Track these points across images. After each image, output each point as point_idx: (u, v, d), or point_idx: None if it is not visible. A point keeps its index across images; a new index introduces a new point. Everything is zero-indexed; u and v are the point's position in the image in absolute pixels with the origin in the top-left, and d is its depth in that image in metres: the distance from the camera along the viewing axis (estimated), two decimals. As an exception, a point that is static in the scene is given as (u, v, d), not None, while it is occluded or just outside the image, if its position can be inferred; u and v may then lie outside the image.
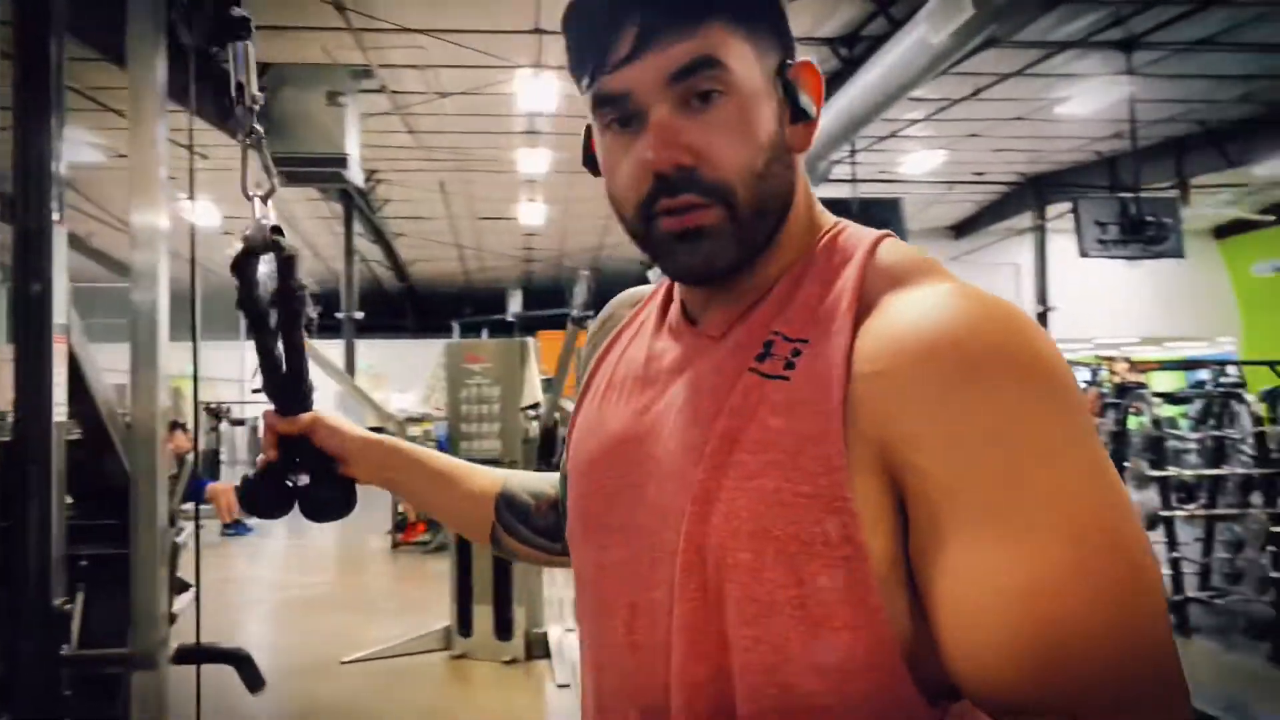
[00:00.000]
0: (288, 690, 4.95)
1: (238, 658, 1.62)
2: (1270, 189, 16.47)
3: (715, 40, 0.70)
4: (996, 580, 0.59)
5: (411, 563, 9.03)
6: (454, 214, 18.14)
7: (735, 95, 0.71)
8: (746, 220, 0.72)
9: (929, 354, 0.64)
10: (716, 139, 0.71)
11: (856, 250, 0.75)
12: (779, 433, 0.67)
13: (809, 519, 0.65)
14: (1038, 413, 0.61)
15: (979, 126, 13.15)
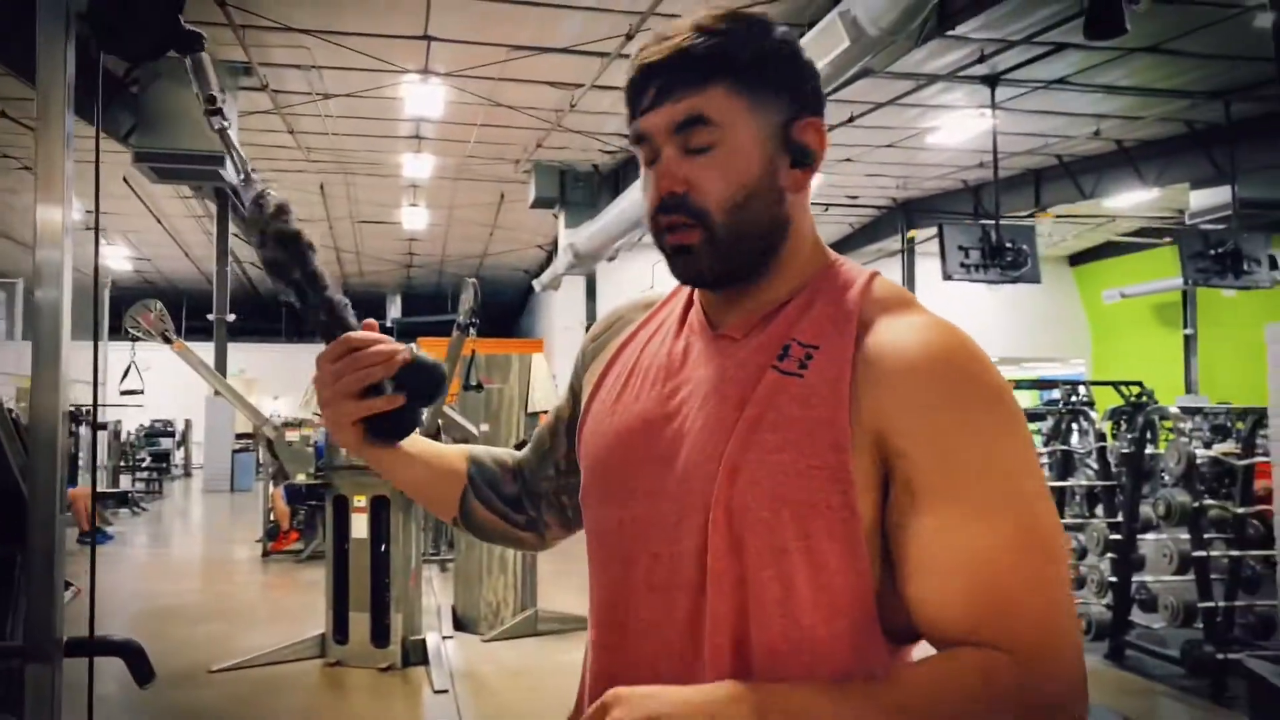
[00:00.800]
0: (153, 700, 4.82)
1: (129, 649, 1.64)
2: (1122, 219, 17.60)
3: (713, 100, 0.90)
4: (958, 547, 0.81)
5: (284, 571, 8.83)
6: (334, 216, 17.79)
7: (724, 145, 0.91)
8: (723, 241, 0.92)
9: (923, 371, 0.85)
10: (703, 175, 0.91)
11: (857, 281, 0.95)
12: (795, 419, 0.86)
13: (817, 487, 0.84)
14: (999, 428, 0.85)
15: (853, 152, 13.67)
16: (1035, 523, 0.82)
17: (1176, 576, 5.30)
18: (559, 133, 12.49)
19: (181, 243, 19.21)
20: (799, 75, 0.95)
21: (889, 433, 0.84)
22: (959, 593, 0.81)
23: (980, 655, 0.80)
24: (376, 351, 0.97)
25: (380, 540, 5.43)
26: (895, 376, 0.85)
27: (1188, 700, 4.90)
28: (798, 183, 0.95)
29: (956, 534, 0.81)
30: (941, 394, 0.84)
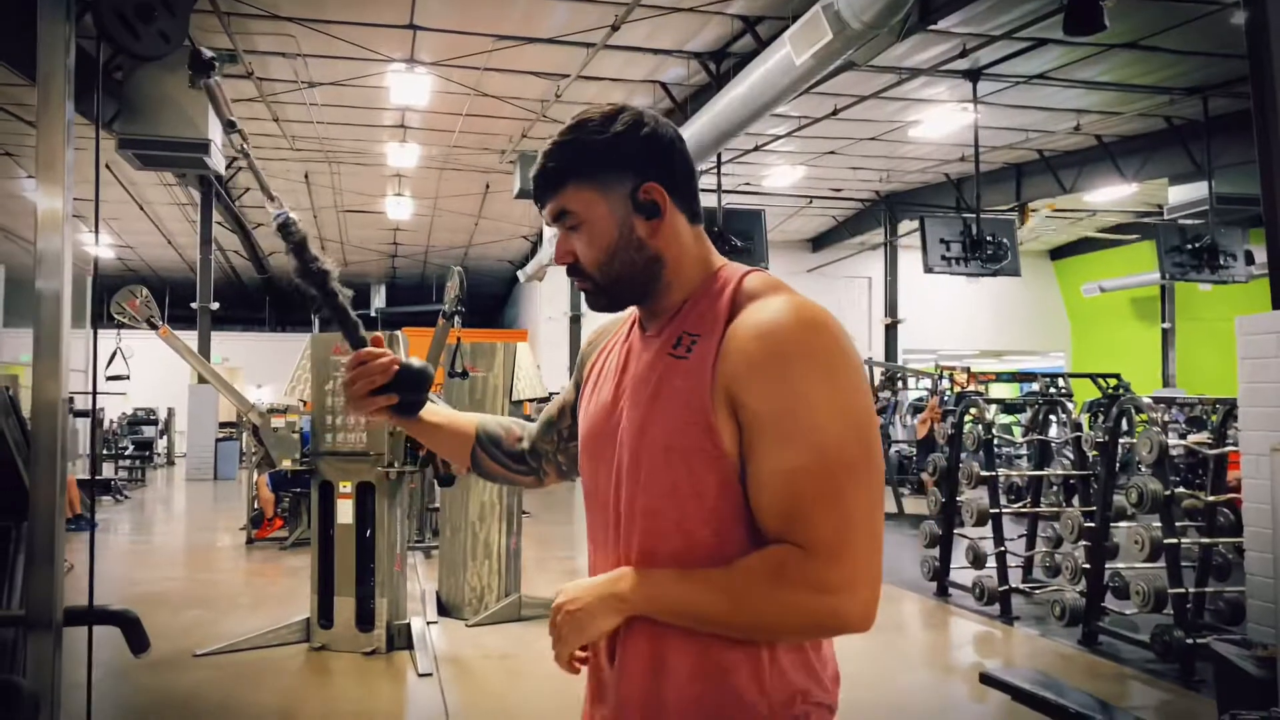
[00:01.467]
0: (139, 683, 4.85)
1: (126, 619, 1.69)
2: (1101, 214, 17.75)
3: (567, 197, 1.23)
4: (773, 470, 1.11)
5: (268, 558, 8.84)
6: (318, 205, 17.74)
7: (584, 224, 1.24)
8: (605, 287, 1.26)
9: (760, 338, 1.13)
10: (578, 247, 1.25)
11: (731, 280, 1.22)
12: (680, 388, 1.17)
13: (694, 436, 1.15)
14: (813, 379, 1.11)
15: (837, 144, 13.76)
16: (837, 453, 1.09)
17: (1148, 563, 5.40)
18: (544, 123, 12.51)
19: (164, 230, 19.12)
20: (637, 152, 1.23)
21: (735, 389, 1.12)
22: (773, 504, 1.11)
23: (781, 548, 1.10)
24: (377, 365, 1.36)
25: (365, 526, 5.47)
26: (739, 346, 1.13)
27: (1157, 683, 5.00)
28: (653, 230, 1.23)
29: (773, 460, 1.10)
30: (767, 356, 1.11)
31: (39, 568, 1.48)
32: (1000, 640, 6.13)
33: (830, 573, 1.07)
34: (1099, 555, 5.79)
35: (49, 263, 1.61)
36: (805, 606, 1.08)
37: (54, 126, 1.60)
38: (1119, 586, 6.05)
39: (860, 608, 1.09)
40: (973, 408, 7.65)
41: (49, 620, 1.46)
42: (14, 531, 1.87)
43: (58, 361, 1.67)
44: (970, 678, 5.20)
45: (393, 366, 1.36)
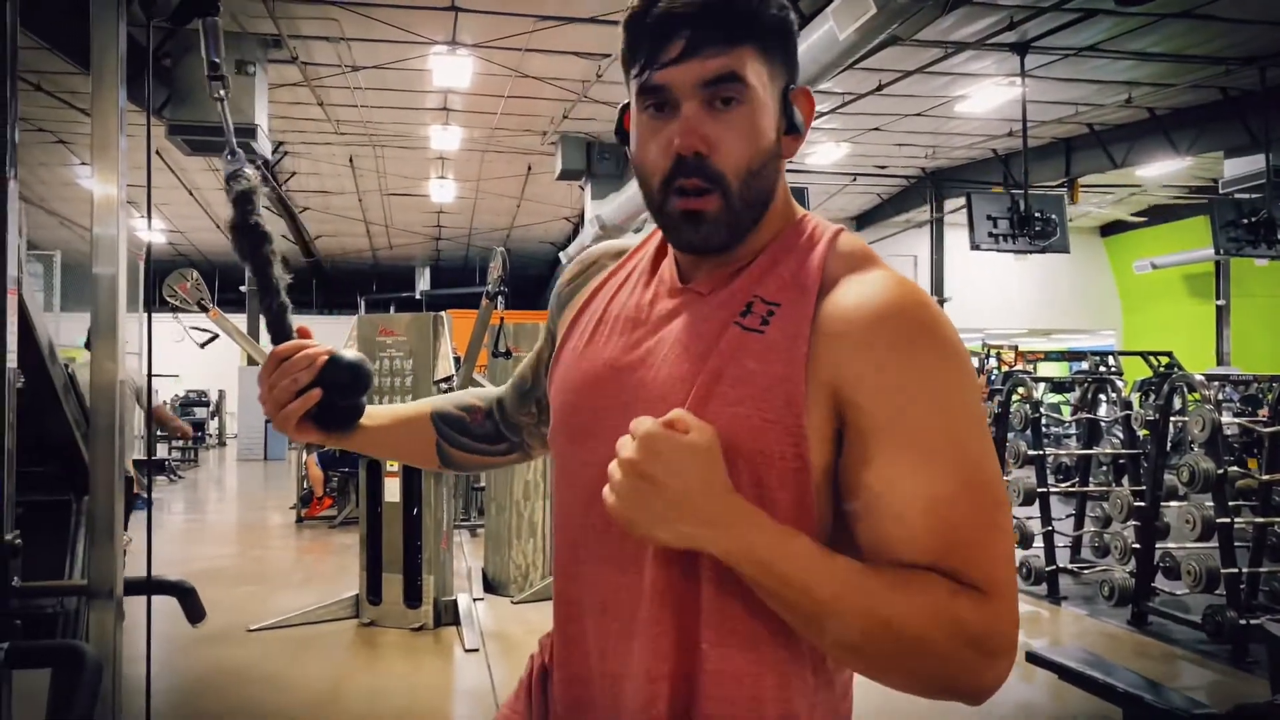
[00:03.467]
0: (195, 656, 4.98)
1: (183, 589, 1.74)
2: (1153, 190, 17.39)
3: (743, 60, 0.91)
4: (916, 493, 0.84)
5: (317, 536, 9.01)
6: (363, 189, 17.90)
7: (749, 105, 0.91)
8: (737, 209, 0.93)
9: (878, 325, 0.87)
10: (727, 137, 0.91)
11: (822, 238, 0.96)
12: (754, 373, 0.89)
13: (771, 440, 0.88)
14: (949, 380, 0.87)
15: (882, 121, 13.59)
16: (983, 473, 0.86)
17: (1200, 543, 5.32)
18: (585, 103, 12.50)
19: (213, 215, 19.40)
20: (794, 44, 0.97)
21: (844, 386, 0.87)
22: (916, 534, 0.84)
23: (953, 580, 0.83)
24: (300, 359, 1.08)
25: (412, 504, 5.55)
26: (851, 332, 0.87)
27: (1209, 664, 4.93)
28: (789, 149, 0.97)
29: (910, 481, 0.84)
30: (893, 348, 0.86)
31: (100, 540, 1.53)
32: (1047, 620, 6.07)
33: (999, 625, 0.83)
34: (1149, 535, 5.71)
35: (105, 248, 1.65)
36: (949, 653, 0.82)
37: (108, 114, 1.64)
38: (1169, 567, 5.96)
39: (997, 678, 0.85)
40: (1020, 386, 7.56)
41: (110, 590, 1.50)
42: (74, 505, 1.94)
43: (115, 344, 1.72)
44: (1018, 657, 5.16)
45: (319, 359, 1.08)
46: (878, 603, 0.82)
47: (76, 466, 1.82)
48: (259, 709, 4.29)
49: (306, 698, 4.46)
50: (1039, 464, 6.76)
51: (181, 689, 4.44)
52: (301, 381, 1.07)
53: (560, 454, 1.07)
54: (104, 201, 1.63)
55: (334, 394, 1.09)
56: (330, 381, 1.09)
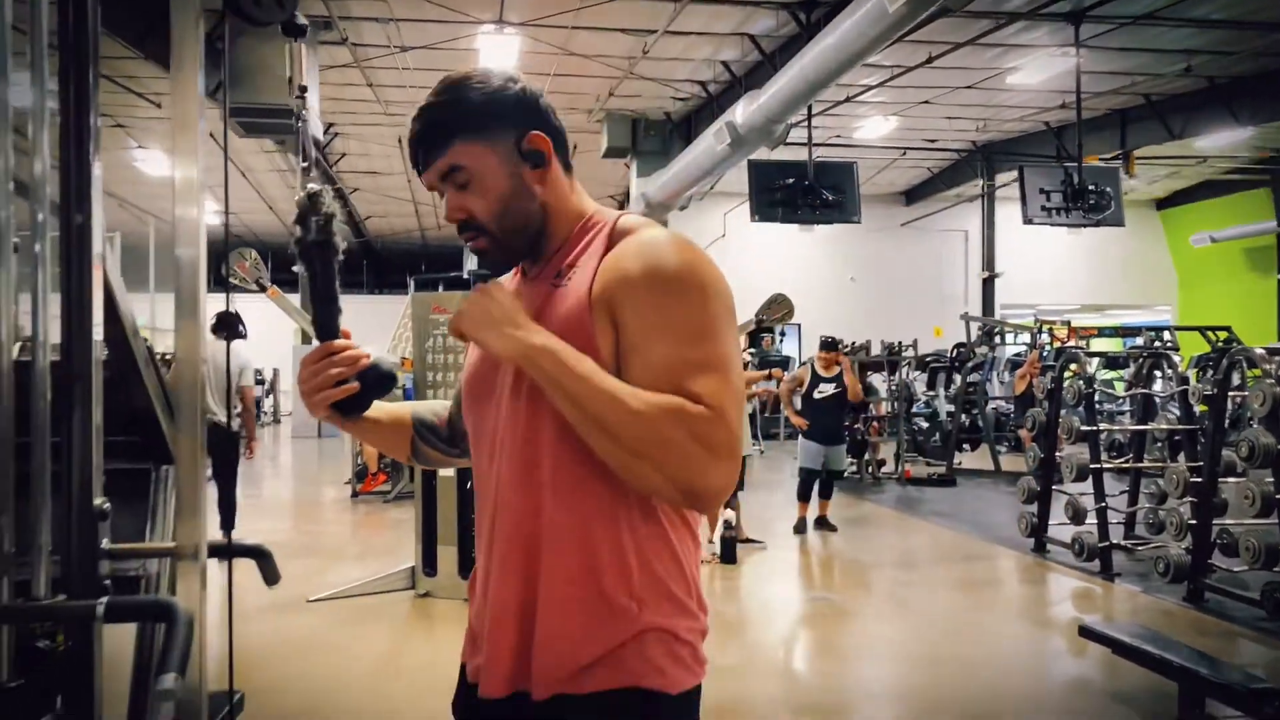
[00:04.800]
0: (256, 627, 5.12)
1: (261, 553, 1.83)
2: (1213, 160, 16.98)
3: (457, 153, 1.26)
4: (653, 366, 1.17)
5: (372, 511, 9.18)
6: (411, 170, 18.07)
7: (475, 177, 1.27)
8: (501, 239, 1.30)
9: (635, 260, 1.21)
10: (472, 201, 1.28)
11: (607, 221, 1.31)
12: (560, 310, 1.25)
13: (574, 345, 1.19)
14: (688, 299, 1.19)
15: (931, 94, 13.41)
16: (713, 350, 1.18)
17: (1259, 519, 5.24)
18: (631, 80, 12.50)
19: (266, 197, 19.71)
20: (514, 105, 1.28)
21: (612, 305, 1.21)
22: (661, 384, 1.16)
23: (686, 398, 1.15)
24: (345, 356, 1.36)
25: (466, 478, 5.64)
26: (615, 266, 1.22)
27: (1268, 641, 4.87)
28: (540, 179, 1.30)
29: (657, 354, 1.17)
30: (644, 277, 1.19)
31: (185, 506, 1.60)
32: (1100, 596, 6.03)
33: (719, 432, 1.14)
34: (1207, 510, 5.63)
35: (186, 230, 1.72)
36: (687, 449, 1.13)
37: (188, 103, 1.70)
38: (1227, 543, 5.87)
39: (723, 478, 1.16)
40: (1074, 362, 7.47)
41: (195, 552, 1.58)
42: (154, 474, 2.02)
43: (196, 322, 1.79)
44: (1069, 632, 5.14)
45: (362, 360, 1.36)
46: (633, 401, 1.15)
47: (157, 437, 1.90)
48: (321, 676, 4.41)
49: (367, 666, 4.58)
50: (1092, 439, 6.69)
51: (246, 656, 4.56)
52: (346, 374, 1.35)
53: (467, 418, 1.41)
54: (184, 185, 1.70)
55: (367, 389, 1.35)
56: (367, 379, 1.35)
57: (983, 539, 7.75)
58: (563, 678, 1.20)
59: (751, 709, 4.00)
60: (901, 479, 11.33)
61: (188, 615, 1.31)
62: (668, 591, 1.24)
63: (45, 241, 1.53)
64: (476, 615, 1.33)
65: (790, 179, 11.54)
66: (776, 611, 5.88)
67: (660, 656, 1.21)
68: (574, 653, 1.20)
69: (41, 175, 1.59)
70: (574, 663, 1.20)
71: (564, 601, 1.20)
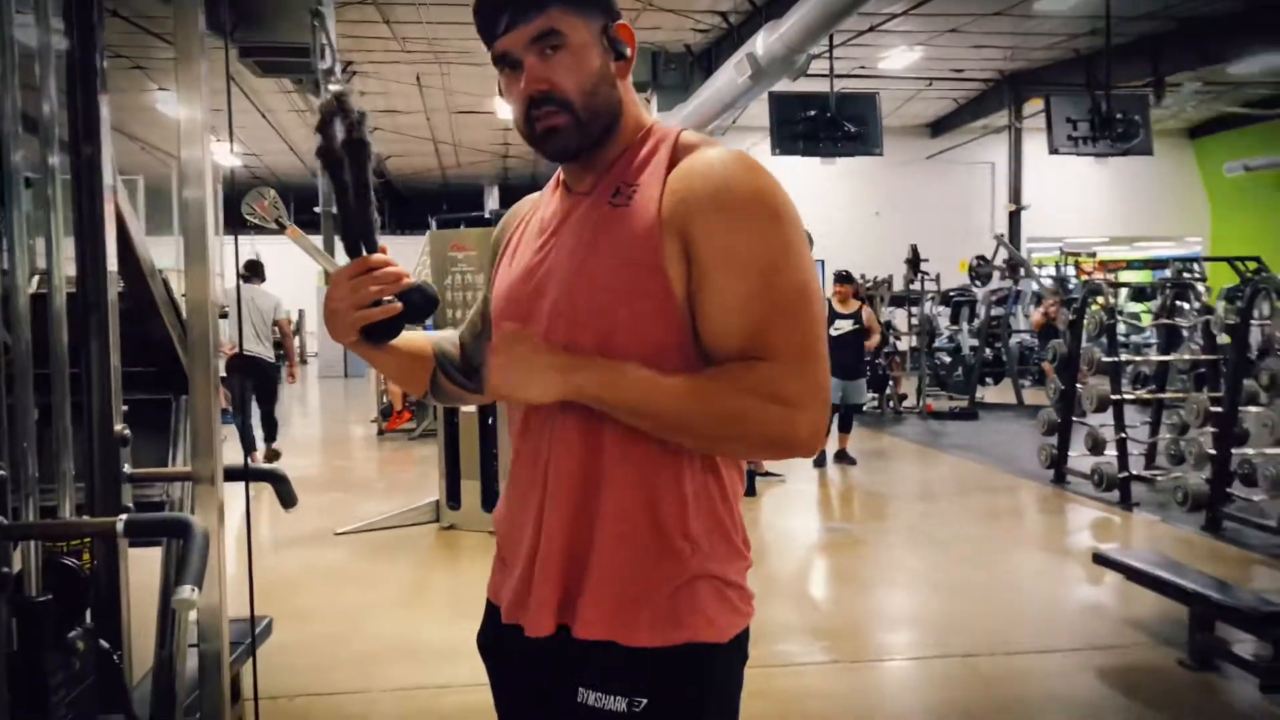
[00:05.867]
0: (286, 557, 5.27)
1: (277, 477, 1.89)
2: (1248, 87, 16.56)
3: (553, 17, 1.17)
4: (731, 298, 1.12)
5: (397, 448, 9.33)
6: (430, 108, 17.95)
7: (569, 48, 1.18)
8: (583, 120, 1.19)
9: (709, 182, 1.14)
10: (560, 73, 1.18)
11: (669, 135, 1.23)
12: (621, 233, 1.16)
13: (639, 277, 1.14)
14: (762, 222, 1.14)
15: (958, 22, 13.12)
16: (786, 279, 1.12)
17: (1279, 448, 5.24)
18: (651, 12, 12.31)
19: (287, 139, 19.69)
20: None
21: (687, 229, 1.13)
22: (734, 327, 1.12)
23: (745, 361, 1.12)
24: (388, 273, 1.23)
25: (488, 414, 5.72)
26: (690, 191, 1.14)
27: (1284, 568, 4.91)
28: (621, 71, 1.23)
29: (727, 290, 1.12)
30: (717, 199, 1.13)
31: (201, 432, 1.66)
32: (1118, 526, 6.06)
33: (790, 384, 1.11)
34: (1227, 440, 5.63)
35: (192, 173, 1.74)
36: (764, 414, 1.10)
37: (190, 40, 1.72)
38: (1247, 473, 5.87)
39: (810, 425, 1.12)
40: (1097, 294, 7.41)
41: (211, 476, 1.64)
42: (174, 403, 2.08)
43: (205, 265, 1.82)
44: (1085, 560, 5.19)
45: (404, 278, 1.23)
46: (698, 395, 1.11)
47: (175, 367, 1.95)
48: (349, 604, 4.54)
49: (394, 594, 4.71)
50: (1114, 371, 6.66)
51: (277, 586, 4.71)
52: (385, 293, 1.22)
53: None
54: (189, 127, 1.71)
55: (409, 311, 1.23)
56: (411, 299, 1.23)
57: (1003, 471, 7.78)
58: (612, 620, 1.15)
59: (768, 633, 4.08)
60: (923, 413, 11.34)
61: (204, 530, 1.36)
62: (722, 533, 1.21)
63: (56, 178, 1.56)
64: (511, 550, 1.27)
65: (812, 111, 11.39)
66: (794, 542, 5.97)
67: (712, 605, 1.18)
68: (625, 592, 1.15)
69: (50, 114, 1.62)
70: (626, 602, 1.15)
71: (619, 539, 1.16)
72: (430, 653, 3.84)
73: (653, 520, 1.16)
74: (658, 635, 1.14)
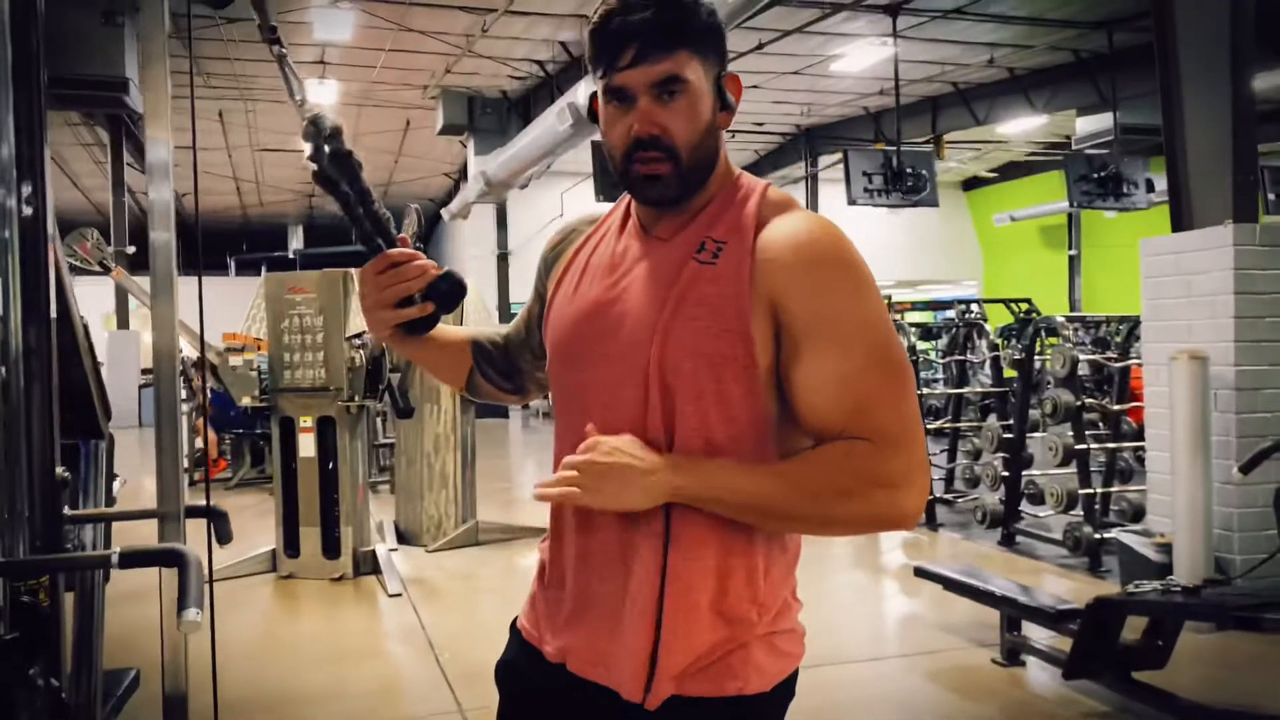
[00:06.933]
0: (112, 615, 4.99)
1: (218, 514, 1.93)
2: (1013, 146, 18.36)
3: (681, 62, 1.16)
4: (829, 371, 1.12)
5: (216, 499, 8.88)
6: (233, 144, 17.35)
7: (689, 96, 1.17)
8: (686, 172, 1.19)
9: (799, 250, 1.15)
10: (675, 121, 1.17)
11: (755, 191, 1.24)
12: (710, 295, 1.16)
13: (726, 344, 1.14)
14: (855, 289, 1.15)
15: (761, 79, 13.96)
16: (886, 352, 1.13)
17: (1060, 469, 5.91)
18: (470, 58, 12.46)
19: (69, 172, 18.49)
20: (723, 40, 1.23)
21: (778, 297, 1.13)
22: (832, 402, 1.12)
23: (846, 441, 1.12)
24: (413, 267, 1.23)
25: (328, 458, 5.65)
26: (781, 257, 1.14)
27: (1069, 574, 5.52)
28: (724, 122, 1.23)
29: (827, 363, 1.12)
30: (811, 266, 1.14)
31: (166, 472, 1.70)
32: (927, 544, 6.62)
33: (895, 463, 1.10)
34: (1017, 463, 6.28)
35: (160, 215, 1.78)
36: (870, 497, 1.10)
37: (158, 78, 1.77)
38: (1033, 493, 6.56)
39: (916, 501, 1.12)
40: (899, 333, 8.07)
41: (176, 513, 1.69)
42: (82, 448, 2.06)
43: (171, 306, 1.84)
44: (901, 576, 5.66)
45: (430, 271, 1.23)
46: (799, 481, 1.12)
47: (89, 413, 1.96)
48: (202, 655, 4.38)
49: (239, 648, 4.57)
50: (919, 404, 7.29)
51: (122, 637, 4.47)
52: (411, 289, 1.24)
53: (557, 378, 1.32)
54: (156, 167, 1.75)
55: (441, 305, 1.25)
56: (439, 292, 1.24)
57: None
58: (678, 679, 1.16)
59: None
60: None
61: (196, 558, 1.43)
62: (785, 594, 1.23)
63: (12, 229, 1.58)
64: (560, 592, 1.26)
65: (629, 160, 11.78)
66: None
67: (765, 658, 1.19)
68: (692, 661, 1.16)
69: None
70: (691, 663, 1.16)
71: (691, 610, 1.15)
72: (299, 700, 3.79)
73: (723, 589, 1.16)
74: (710, 687, 1.16)
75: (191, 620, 1.30)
